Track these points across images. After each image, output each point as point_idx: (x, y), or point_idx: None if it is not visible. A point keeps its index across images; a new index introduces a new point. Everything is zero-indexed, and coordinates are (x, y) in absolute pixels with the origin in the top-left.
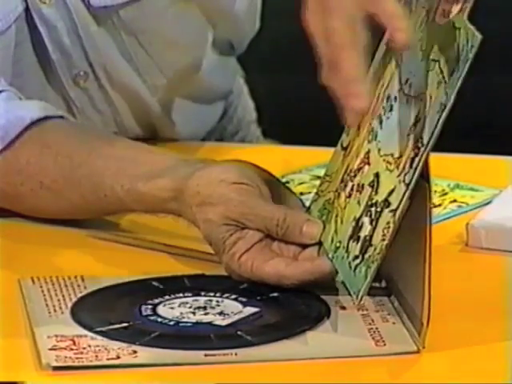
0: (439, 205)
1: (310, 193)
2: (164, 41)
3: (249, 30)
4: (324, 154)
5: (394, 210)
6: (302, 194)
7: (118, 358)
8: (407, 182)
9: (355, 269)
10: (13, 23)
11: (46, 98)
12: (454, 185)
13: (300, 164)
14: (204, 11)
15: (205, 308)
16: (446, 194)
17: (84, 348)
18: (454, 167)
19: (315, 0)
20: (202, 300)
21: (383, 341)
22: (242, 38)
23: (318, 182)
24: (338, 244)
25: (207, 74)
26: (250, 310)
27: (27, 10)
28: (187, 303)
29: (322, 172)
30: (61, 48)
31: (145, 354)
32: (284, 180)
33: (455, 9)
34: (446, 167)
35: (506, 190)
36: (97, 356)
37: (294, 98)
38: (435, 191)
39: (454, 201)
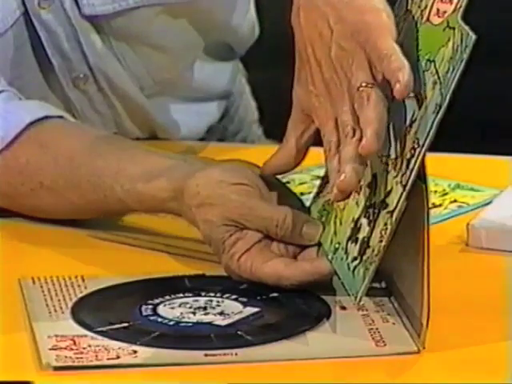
0: (440, 205)
1: (310, 193)
2: (150, 46)
3: (248, 37)
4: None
5: (392, 212)
6: (302, 194)
7: (118, 357)
8: (404, 183)
9: (354, 270)
10: (11, 26)
11: (46, 100)
12: (454, 185)
13: (301, 164)
14: (195, 24)
15: (205, 308)
16: (446, 194)
17: (84, 348)
18: (455, 167)
19: (322, 93)
20: (202, 300)
21: (383, 341)
22: (241, 44)
23: (318, 182)
24: (337, 245)
25: (201, 77)
26: (251, 310)
27: (27, 14)
28: (187, 303)
29: (322, 172)
30: (60, 52)
31: (145, 353)
32: (284, 180)
33: (449, 8)
34: (447, 167)
35: (507, 190)
36: (97, 356)
37: None
38: (436, 191)
39: (455, 201)
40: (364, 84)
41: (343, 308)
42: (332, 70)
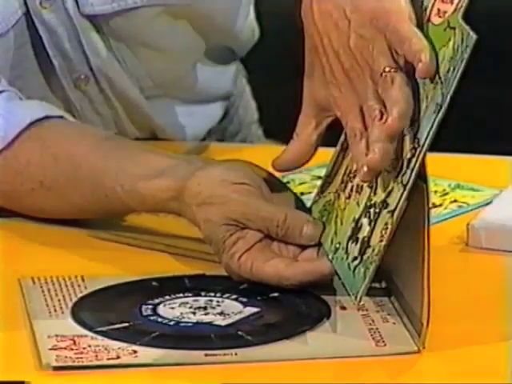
0: (440, 205)
1: (310, 193)
2: (150, 48)
3: (249, 40)
4: (324, 154)
5: (392, 211)
6: (302, 194)
7: (118, 357)
8: (404, 182)
9: (354, 270)
10: (12, 26)
11: (47, 100)
12: (454, 185)
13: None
14: (195, 26)
15: (205, 308)
16: (446, 194)
17: (84, 348)
18: (455, 167)
19: (343, 83)
20: (202, 300)
21: (383, 341)
22: (242, 46)
23: (318, 182)
24: (337, 245)
25: (201, 80)
26: (251, 309)
27: (28, 14)
28: (187, 303)
29: (322, 172)
30: (62, 53)
31: (145, 353)
32: (285, 180)
33: (450, 9)
34: (447, 167)
35: (507, 190)
36: (97, 356)
37: (296, 99)
38: (436, 191)
39: (455, 201)
40: (387, 69)
41: (343, 308)
42: (352, 58)
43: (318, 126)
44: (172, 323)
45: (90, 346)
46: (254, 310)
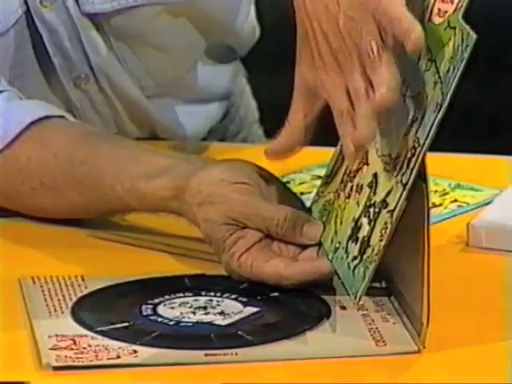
0: (440, 204)
1: (310, 192)
2: (151, 46)
3: (249, 39)
4: (324, 153)
5: (392, 211)
6: (302, 193)
7: (119, 357)
8: (404, 182)
9: (354, 269)
10: (12, 25)
11: (47, 99)
12: (454, 185)
13: (300, 164)
14: (196, 25)
15: (205, 308)
16: (446, 193)
17: (84, 348)
18: (455, 167)
19: (331, 66)
20: (202, 300)
21: (383, 341)
22: (243, 45)
23: (318, 182)
24: (337, 245)
25: (202, 78)
26: (251, 309)
27: (28, 13)
28: (187, 303)
29: (322, 172)
30: (62, 52)
31: (145, 353)
32: (285, 180)
33: (450, 8)
34: (447, 167)
35: (507, 189)
36: (97, 356)
37: None
38: (436, 191)
39: (455, 200)
40: (375, 48)
41: (343, 308)
42: (340, 40)
43: (308, 111)
44: (172, 323)
45: (90, 346)
46: (254, 309)
